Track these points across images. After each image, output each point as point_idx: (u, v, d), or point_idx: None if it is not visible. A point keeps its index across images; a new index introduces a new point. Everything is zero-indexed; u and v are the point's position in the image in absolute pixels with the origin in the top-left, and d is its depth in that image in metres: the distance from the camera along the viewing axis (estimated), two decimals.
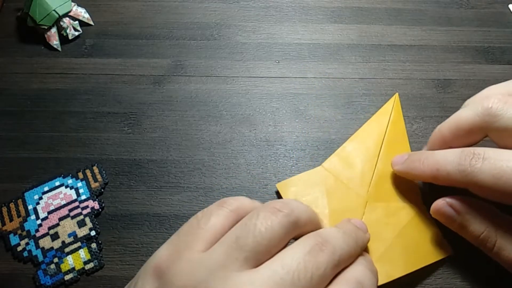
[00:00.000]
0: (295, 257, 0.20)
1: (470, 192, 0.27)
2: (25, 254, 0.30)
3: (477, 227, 0.26)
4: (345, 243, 0.22)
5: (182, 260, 0.20)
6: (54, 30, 0.39)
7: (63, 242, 0.30)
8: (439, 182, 0.27)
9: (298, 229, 0.22)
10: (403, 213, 0.30)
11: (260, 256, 0.20)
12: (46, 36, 0.39)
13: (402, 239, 0.29)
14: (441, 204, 0.27)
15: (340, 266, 0.22)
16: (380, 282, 0.27)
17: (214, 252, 0.20)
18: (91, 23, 0.41)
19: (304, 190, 0.31)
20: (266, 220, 0.21)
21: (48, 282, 0.29)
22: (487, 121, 0.26)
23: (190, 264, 0.20)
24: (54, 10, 0.38)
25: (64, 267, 0.29)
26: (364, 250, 0.25)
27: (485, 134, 0.27)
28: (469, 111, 0.27)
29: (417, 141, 0.34)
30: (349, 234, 0.23)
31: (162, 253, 0.21)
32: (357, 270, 0.22)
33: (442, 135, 0.29)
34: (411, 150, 0.33)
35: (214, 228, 0.21)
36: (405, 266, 0.28)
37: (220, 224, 0.21)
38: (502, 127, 0.25)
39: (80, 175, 0.33)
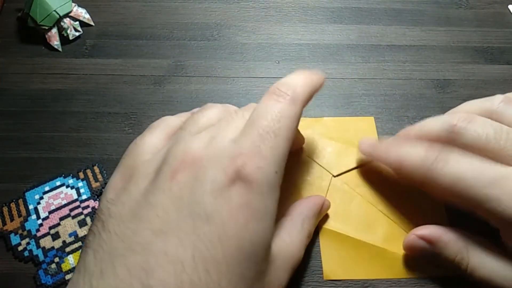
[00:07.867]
0: None
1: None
2: (26, 253, 0.30)
3: (450, 253, 0.27)
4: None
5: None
6: (54, 30, 0.39)
7: (64, 241, 0.30)
8: (402, 174, 0.28)
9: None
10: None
11: None
12: (46, 36, 0.39)
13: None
14: (412, 239, 0.28)
15: None
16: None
17: None
18: (92, 23, 0.41)
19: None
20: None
21: (49, 282, 0.29)
22: (451, 138, 0.27)
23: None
24: (54, 11, 0.38)
25: (65, 266, 0.29)
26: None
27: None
28: (438, 124, 0.28)
29: None
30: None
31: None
32: None
33: (409, 138, 0.30)
34: None
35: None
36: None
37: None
38: (463, 144, 0.26)
39: (81, 175, 0.33)
